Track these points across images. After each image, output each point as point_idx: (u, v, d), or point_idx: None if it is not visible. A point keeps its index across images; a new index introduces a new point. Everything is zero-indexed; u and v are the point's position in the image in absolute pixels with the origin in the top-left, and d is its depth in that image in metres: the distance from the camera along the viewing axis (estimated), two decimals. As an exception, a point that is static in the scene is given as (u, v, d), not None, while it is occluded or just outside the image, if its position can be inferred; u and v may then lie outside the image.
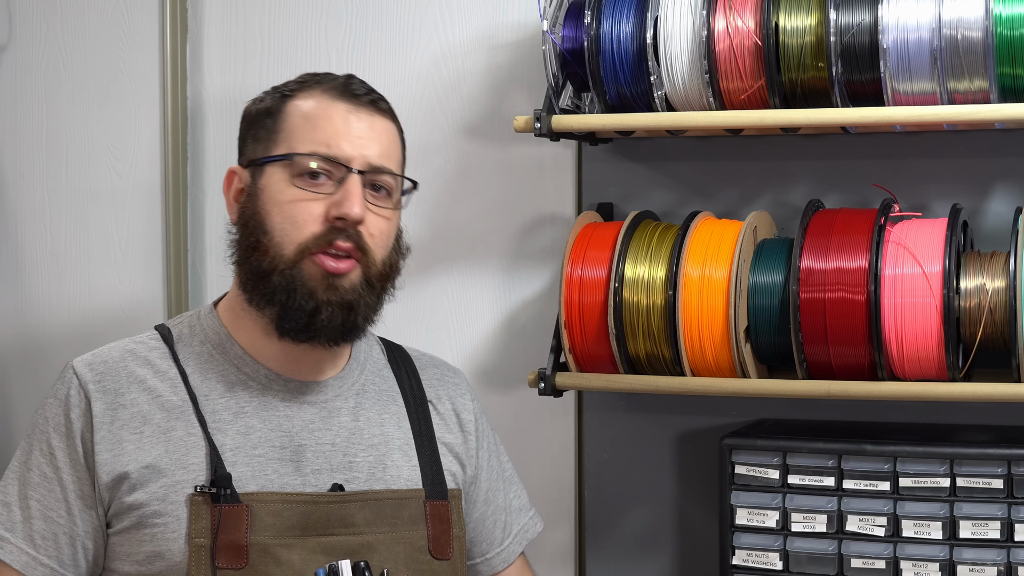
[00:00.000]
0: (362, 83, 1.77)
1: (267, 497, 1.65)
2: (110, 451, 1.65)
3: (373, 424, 1.78)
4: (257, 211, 1.70)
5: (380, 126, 1.74)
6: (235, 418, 1.70)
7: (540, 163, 2.31)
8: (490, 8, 2.32)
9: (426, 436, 1.81)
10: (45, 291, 2.57)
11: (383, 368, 1.85)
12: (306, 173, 1.68)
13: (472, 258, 2.35)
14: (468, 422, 1.87)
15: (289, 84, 1.77)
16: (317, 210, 1.67)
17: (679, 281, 1.98)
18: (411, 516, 1.73)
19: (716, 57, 1.96)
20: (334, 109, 1.72)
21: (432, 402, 1.85)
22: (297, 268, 1.67)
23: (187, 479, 1.65)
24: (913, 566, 1.91)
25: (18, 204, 2.58)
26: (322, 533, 1.66)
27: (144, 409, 1.68)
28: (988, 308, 1.88)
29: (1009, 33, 1.83)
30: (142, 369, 1.71)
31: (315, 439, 1.72)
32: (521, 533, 1.94)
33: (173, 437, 1.67)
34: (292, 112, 1.72)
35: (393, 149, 1.76)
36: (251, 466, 1.67)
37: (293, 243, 1.67)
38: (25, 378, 2.58)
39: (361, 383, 1.80)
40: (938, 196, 2.09)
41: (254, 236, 1.69)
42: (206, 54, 2.48)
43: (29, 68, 2.57)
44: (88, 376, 1.69)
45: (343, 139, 1.70)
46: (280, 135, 1.71)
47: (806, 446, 1.97)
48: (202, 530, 1.62)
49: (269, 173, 1.70)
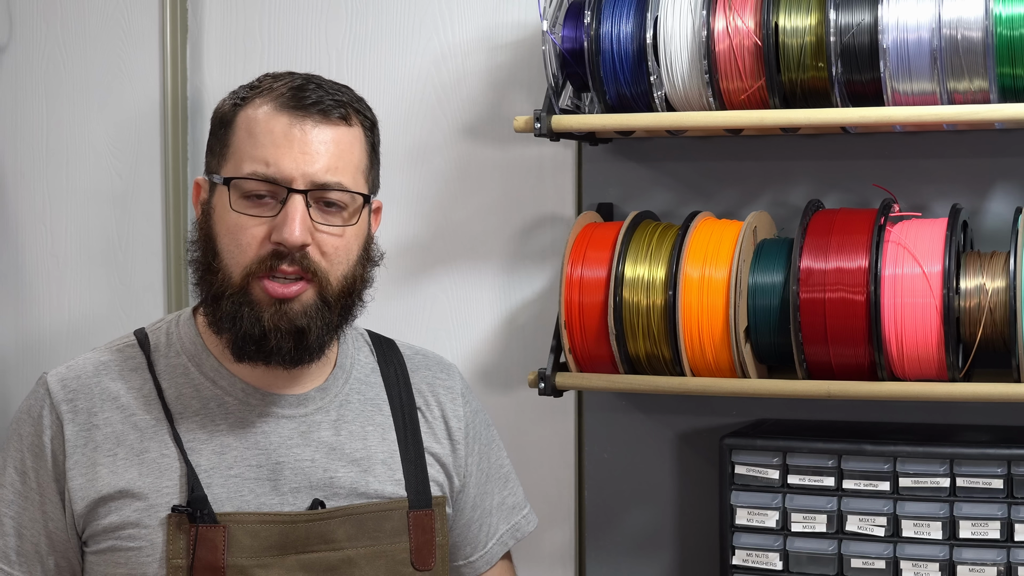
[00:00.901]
0: (318, 87, 1.66)
1: (244, 518, 1.62)
2: (84, 475, 1.62)
3: (355, 438, 1.73)
4: (209, 231, 1.65)
5: (328, 136, 1.63)
6: (210, 437, 1.66)
7: (540, 163, 2.31)
8: (490, 8, 2.32)
9: (412, 445, 1.76)
10: (45, 291, 2.57)
11: (370, 374, 1.80)
12: (249, 195, 1.61)
13: (472, 258, 2.35)
14: (457, 431, 1.82)
15: (245, 88, 1.69)
16: (260, 233, 1.60)
17: (679, 281, 1.98)
18: (393, 528, 1.70)
19: (716, 57, 1.96)
20: (276, 123, 1.62)
21: (421, 409, 1.80)
22: (244, 293, 1.61)
23: (162, 502, 1.62)
24: (913, 566, 1.91)
25: (18, 204, 2.58)
26: (301, 551, 1.63)
27: (118, 429, 1.64)
28: (988, 308, 1.88)
29: (1009, 33, 1.83)
30: (116, 384, 1.67)
31: (293, 456, 1.68)
32: (509, 533, 1.90)
33: (147, 459, 1.63)
34: (240, 125, 1.64)
35: (345, 160, 1.64)
36: (226, 487, 1.64)
37: (239, 266, 1.61)
38: (25, 378, 2.58)
39: (345, 394, 1.75)
40: (938, 196, 2.09)
41: (207, 258, 1.65)
42: (206, 54, 2.48)
43: (29, 68, 2.57)
44: (61, 395, 1.66)
45: (283, 156, 1.61)
46: (228, 150, 1.65)
47: (806, 446, 1.97)
48: (179, 551, 1.60)
49: (218, 193, 1.65)
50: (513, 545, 1.92)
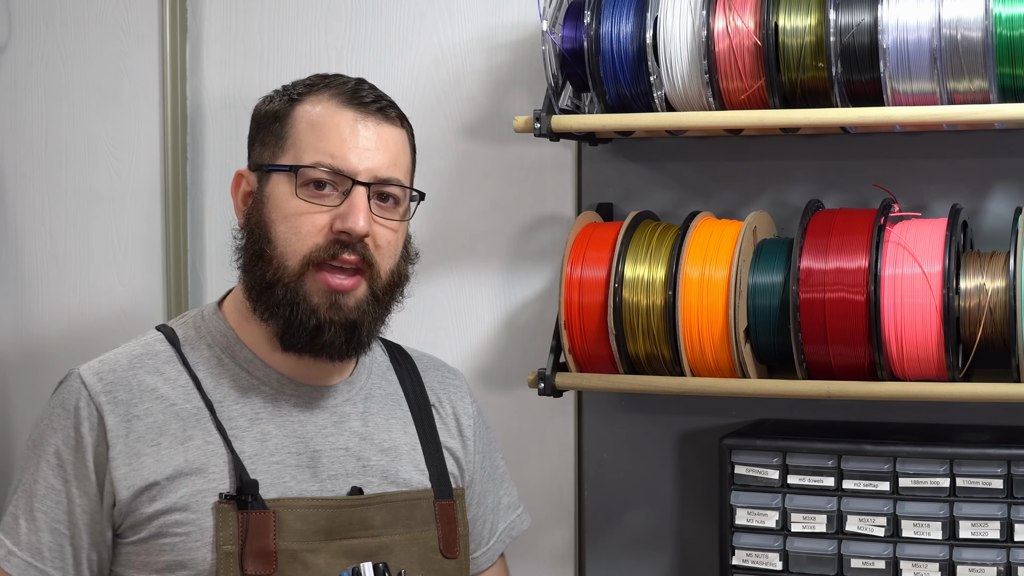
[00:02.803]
0: (372, 88, 1.74)
1: (292, 503, 1.65)
2: (128, 465, 1.63)
3: (381, 429, 1.78)
4: (262, 219, 1.68)
5: (388, 135, 1.72)
6: (251, 424, 1.69)
7: (540, 163, 2.31)
8: (490, 8, 2.32)
9: (431, 438, 1.82)
10: (45, 292, 2.57)
11: (387, 371, 1.86)
12: (311, 184, 1.67)
13: (472, 258, 2.35)
14: (467, 427, 1.88)
15: (298, 86, 1.74)
16: (321, 222, 1.66)
17: (679, 281, 1.98)
18: (423, 517, 1.74)
19: (716, 57, 1.96)
20: (341, 117, 1.69)
21: (435, 405, 1.86)
22: (300, 282, 1.65)
23: (209, 487, 1.64)
24: (913, 566, 1.91)
25: (18, 205, 2.58)
26: (344, 536, 1.67)
27: (159, 419, 1.66)
28: (988, 308, 1.88)
29: (1009, 33, 1.83)
30: (152, 377, 1.69)
31: (329, 444, 1.72)
32: (506, 531, 1.95)
33: (191, 446, 1.65)
34: (299, 118, 1.70)
35: (401, 158, 1.73)
36: (270, 473, 1.67)
37: (297, 255, 1.65)
38: (25, 378, 2.58)
39: (368, 388, 1.81)
40: (938, 196, 2.09)
41: (259, 245, 1.68)
42: (206, 54, 2.47)
43: (29, 68, 2.57)
44: (98, 387, 1.66)
45: (349, 150, 1.68)
46: (287, 142, 1.69)
47: (806, 446, 1.97)
48: (229, 537, 1.61)
49: (275, 181, 1.69)
50: (509, 544, 1.97)
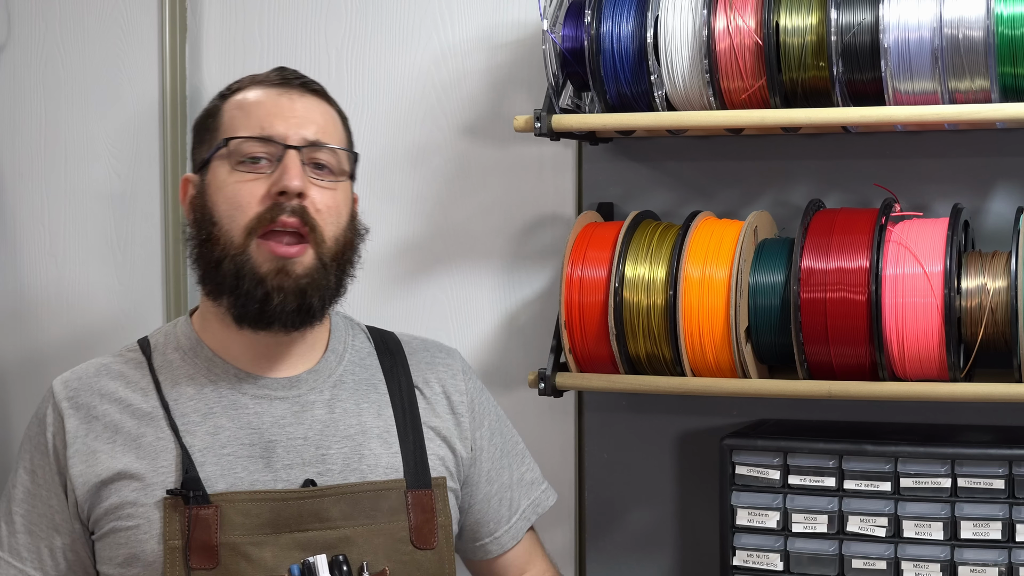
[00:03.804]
0: (294, 71, 1.80)
1: (235, 497, 1.67)
2: (84, 462, 1.69)
3: (350, 414, 1.77)
4: (205, 204, 1.72)
5: (313, 105, 1.76)
6: (204, 419, 1.72)
7: (540, 163, 2.31)
8: (490, 8, 2.32)
9: (410, 424, 1.80)
10: (44, 292, 2.57)
11: (366, 357, 1.85)
12: (246, 158, 1.71)
13: (472, 258, 2.35)
14: (460, 403, 1.86)
15: (230, 86, 1.81)
16: (259, 190, 1.69)
17: (679, 281, 1.98)
18: (391, 507, 1.73)
19: (717, 56, 1.95)
20: (266, 95, 1.75)
21: (419, 387, 1.84)
22: (246, 254, 1.68)
23: (158, 482, 1.67)
24: (914, 567, 1.91)
25: (17, 204, 2.58)
26: (295, 529, 1.67)
27: (115, 419, 1.72)
28: (989, 308, 1.87)
29: (1010, 32, 1.83)
30: (114, 382, 1.75)
31: (286, 434, 1.72)
32: (531, 508, 1.94)
33: (143, 443, 1.70)
34: (228, 109, 1.76)
35: (331, 127, 1.77)
36: (220, 465, 1.69)
37: (239, 226, 1.68)
38: (24, 379, 2.58)
39: (339, 374, 1.80)
40: (939, 196, 2.09)
41: (205, 229, 1.71)
42: (206, 53, 2.47)
43: (28, 68, 2.57)
44: (63, 394, 1.74)
45: (276, 119, 1.72)
46: (219, 131, 1.75)
47: (807, 446, 1.96)
48: (175, 532, 1.65)
49: (214, 168, 1.73)
50: (535, 520, 1.95)
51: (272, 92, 1.75)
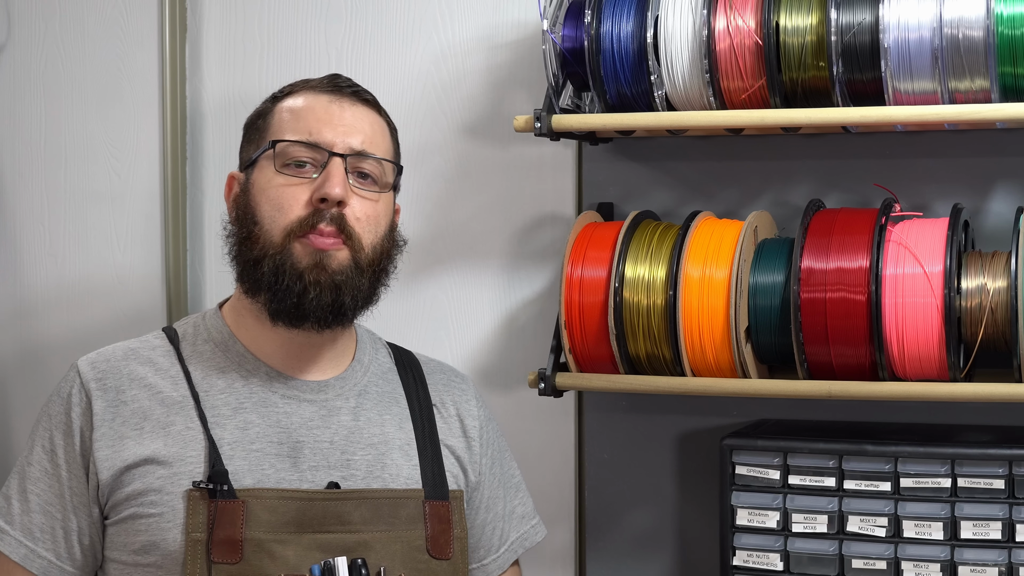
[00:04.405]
0: (348, 79, 1.83)
1: (263, 493, 1.67)
2: (111, 447, 1.69)
3: (373, 424, 1.79)
4: (248, 203, 1.76)
5: (362, 114, 1.80)
6: (234, 413, 1.73)
7: (540, 163, 2.31)
8: (490, 8, 2.32)
9: (429, 437, 1.82)
10: (44, 291, 2.57)
11: (388, 371, 1.87)
12: (291, 162, 1.74)
13: (472, 258, 2.35)
14: (472, 428, 1.88)
15: (283, 89, 1.83)
16: (302, 195, 1.72)
17: (679, 281, 1.98)
18: (409, 515, 1.74)
19: (716, 56, 1.95)
20: (317, 101, 1.78)
21: (437, 406, 1.87)
22: (286, 251, 1.71)
23: (184, 471, 1.68)
24: (914, 567, 1.91)
25: (17, 204, 2.58)
26: (318, 530, 1.68)
27: (144, 405, 1.72)
28: (989, 308, 1.87)
29: (1010, 32, 1.83)
30: (143, 368, 1.75)
31: (313, 436, 1.74)
32: (519, 541, 1.95)
33: (172, 431, 1.70)
34: (280, 110, 1.79)
35: (379, 138, 1.80)
36: (248, 460, 1.70)
37: (280, 228, 1.72)
38: (24, 378, 2.58)
39: (364, 384, 1.82)
40: (939, 196, 2.09)
41: (246, 228, 1.75)
42: (205, 54, 2.47)
43: (28, 68, 2.57)
44: (90, 375, 1.73)
45: (324, 126, 1.76)
46: (268, 132, 1.78)
47: (807, 446, 1.96)
48: (198, 525, 1.65)
49: (259, 168, 1.76)
50: (521, 554, 1.96)
51: (323, 99, 1.78)
